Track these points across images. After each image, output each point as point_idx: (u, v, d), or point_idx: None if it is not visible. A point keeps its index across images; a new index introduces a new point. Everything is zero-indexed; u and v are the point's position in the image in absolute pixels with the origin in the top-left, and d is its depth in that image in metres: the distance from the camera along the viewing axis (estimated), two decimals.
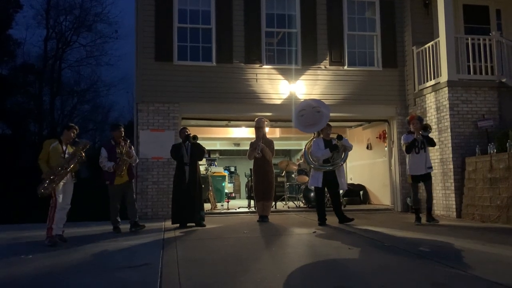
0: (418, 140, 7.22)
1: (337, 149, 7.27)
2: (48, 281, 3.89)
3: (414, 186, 7.41)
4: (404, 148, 7.38)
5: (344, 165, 7.52)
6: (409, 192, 9.66)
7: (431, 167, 7.33)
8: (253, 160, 8.10)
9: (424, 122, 7.70)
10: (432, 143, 7.36)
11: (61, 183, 5.78)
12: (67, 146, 6.01)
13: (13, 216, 7.87)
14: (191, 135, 7.32)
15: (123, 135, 6.90)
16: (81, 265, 4.48)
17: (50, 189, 5.64)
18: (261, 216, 7.97)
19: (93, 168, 28.32)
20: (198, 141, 7.37)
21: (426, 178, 7.31)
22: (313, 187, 7.82)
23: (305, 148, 7.71)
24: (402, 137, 7.59)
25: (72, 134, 6.06)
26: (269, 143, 8.04)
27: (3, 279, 3.95)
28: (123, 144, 6.83)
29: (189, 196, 7.14)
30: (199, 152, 7.35)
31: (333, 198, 7.60)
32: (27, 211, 5.90)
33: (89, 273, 4.10)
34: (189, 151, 7.28)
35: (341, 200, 8.68)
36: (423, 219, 7.33)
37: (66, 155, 5.91)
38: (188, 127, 7.71)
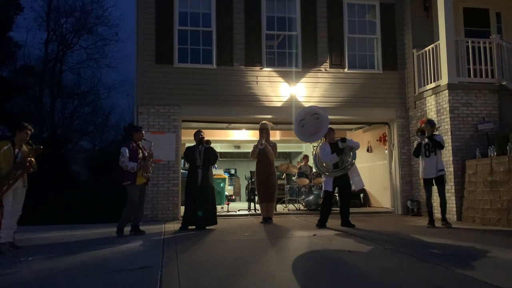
0: (423, 143, 7.20)
1: (343, 152, 7.25)
2: (48, 284, 3.87)
3: (427, 189, 7.40)
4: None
5: (356, 164, 7.42)
6: (409, 195, 9.68)
7: (442, 170, 7.31)
8: (255, 162, 8.14)
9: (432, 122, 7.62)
10: (439, 146, 7.29)
11: (11, 191, 5.38)
12: (20, 149, 5.49)
13: None
14: (205, 139, 7.40)
15: (143, 137, 6.96)
16: (80, 267, 4.47)
17: None
18: (264, 218, 7.99)
19: (93, 171, 28.32)
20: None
21: (438, 182, 7.28)
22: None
23: (314, 156, 7.68)
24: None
25: (25, 135, 5.53)
26: (273, 146, 8.12)
27: (2, 281, 3.94)
28: (143, 146, 6.87)
29: (201, 198, 7.15)
30: (212, 156, 7.42)
31: (342, 201, 7.47)
32: (27, 213, 5.85)
33: (88, 276, 4.10)
34: (202, 155, 7.32)
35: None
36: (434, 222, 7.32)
37: (18, 160, 5.42)
38: (203, 131, 7.68)
